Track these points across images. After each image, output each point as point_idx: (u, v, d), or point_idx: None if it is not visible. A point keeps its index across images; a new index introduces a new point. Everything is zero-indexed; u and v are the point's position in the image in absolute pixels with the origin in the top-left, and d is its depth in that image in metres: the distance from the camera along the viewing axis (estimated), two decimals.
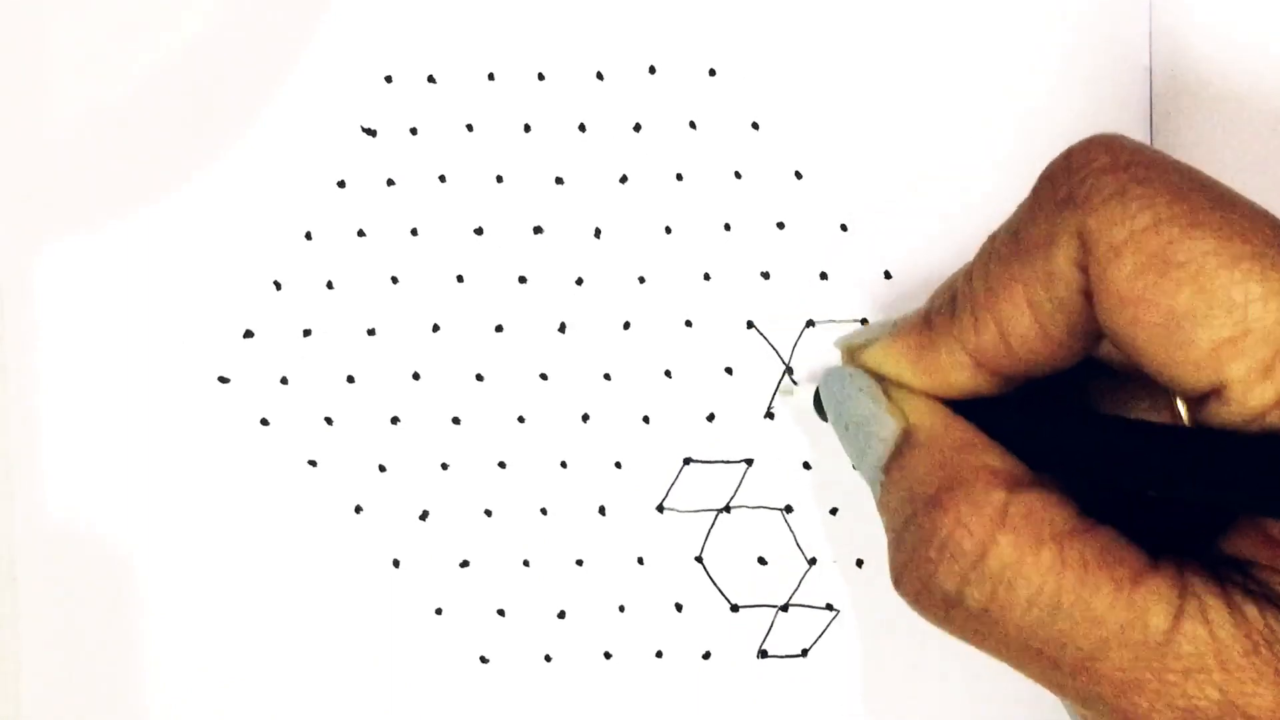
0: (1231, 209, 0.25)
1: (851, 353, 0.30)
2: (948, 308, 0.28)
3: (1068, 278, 0.26)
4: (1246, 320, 0.24)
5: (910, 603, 0.28)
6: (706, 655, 0.35)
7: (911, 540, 0.27)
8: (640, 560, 0.35)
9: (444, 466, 0.35)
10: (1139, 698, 0.25)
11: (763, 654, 0.35)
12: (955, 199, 0.34)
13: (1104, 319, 0.26)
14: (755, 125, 0.34)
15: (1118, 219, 0.25)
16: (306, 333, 0.35)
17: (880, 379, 0.30)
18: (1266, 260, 0.24)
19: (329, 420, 0.35)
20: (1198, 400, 0.25)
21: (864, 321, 0.34)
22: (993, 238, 0.28)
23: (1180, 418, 0.26)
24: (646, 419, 0.35)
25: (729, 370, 0.35)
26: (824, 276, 0.34)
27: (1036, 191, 0.27)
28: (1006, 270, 0.27)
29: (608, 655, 0.35)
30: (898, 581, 0.28)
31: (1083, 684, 0.25)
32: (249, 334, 0.35)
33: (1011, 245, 0.27)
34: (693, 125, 0.34)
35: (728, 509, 0.35)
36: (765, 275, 0.34)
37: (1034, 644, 0.26)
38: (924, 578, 0.27)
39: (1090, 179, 0.26)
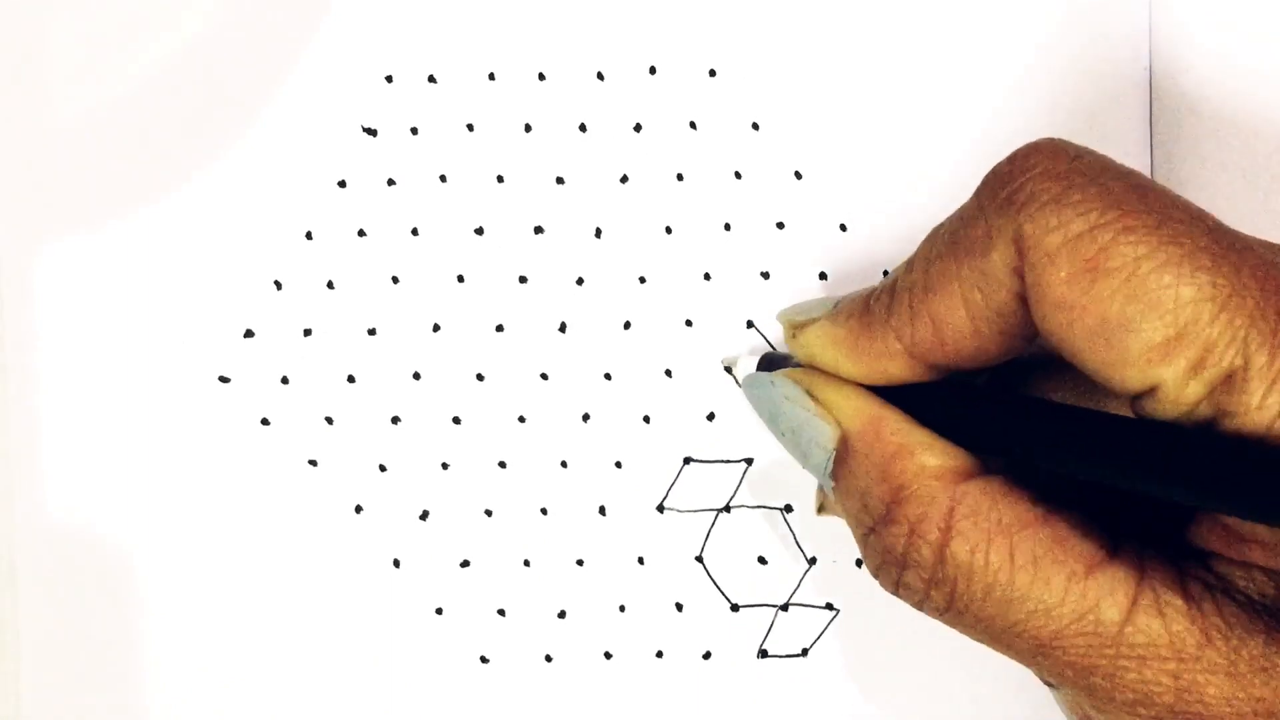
0: (1169, 212, 0.25)
1: (792, 328, 0.30)
2: (886, 297, 0.29)
3: (1003, 280, 0.26)
4: (1178, 323, 0.24)
5: (892, 595, 0.29)
6: (707, 655, 0.35)
7: (875, 551, 0.28)
8: (640, 560, 0.35)
9: (444, 466, 0.35)
10: (1098, 679, 0.25)
11: (763, 654, 0.35)
12: (954, 199, 0.34)
13: (1039, 323, 0.26)
14: (755, 125, 0.34)
15: (1053, 225, 0.25)
16: (307, 332, 0.35)
17: (809, 370, 0.30)
18: (1198, 261, 0.24)
19: (329, 420, 0.35)
20: (1134, 397, 0.26)
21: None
22: (935, 232, 0.28)
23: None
24: (647, 419, 0.35)
25: (729, 369, 0.35)
26: (823, 276, 0.34)
27: (979, 192, 0.27)
28: (945, 267, 0.27)
29: (608, 655, 0.35)
30: (875, 575, 0.29)
31: (1048, 666, 0.26)
32: (249, 334, 0.35)
33: (951, 243, 0.27)
34: (693, 125, 0.34)
35: (728, 509, 0.35)
36: (765, 275, 0.35)
37: (995, 632, 0.27)
38: (894, 581, 0.28)
39: (1029, 183, 0.26)
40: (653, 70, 0.34)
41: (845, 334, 0.29)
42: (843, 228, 0.34)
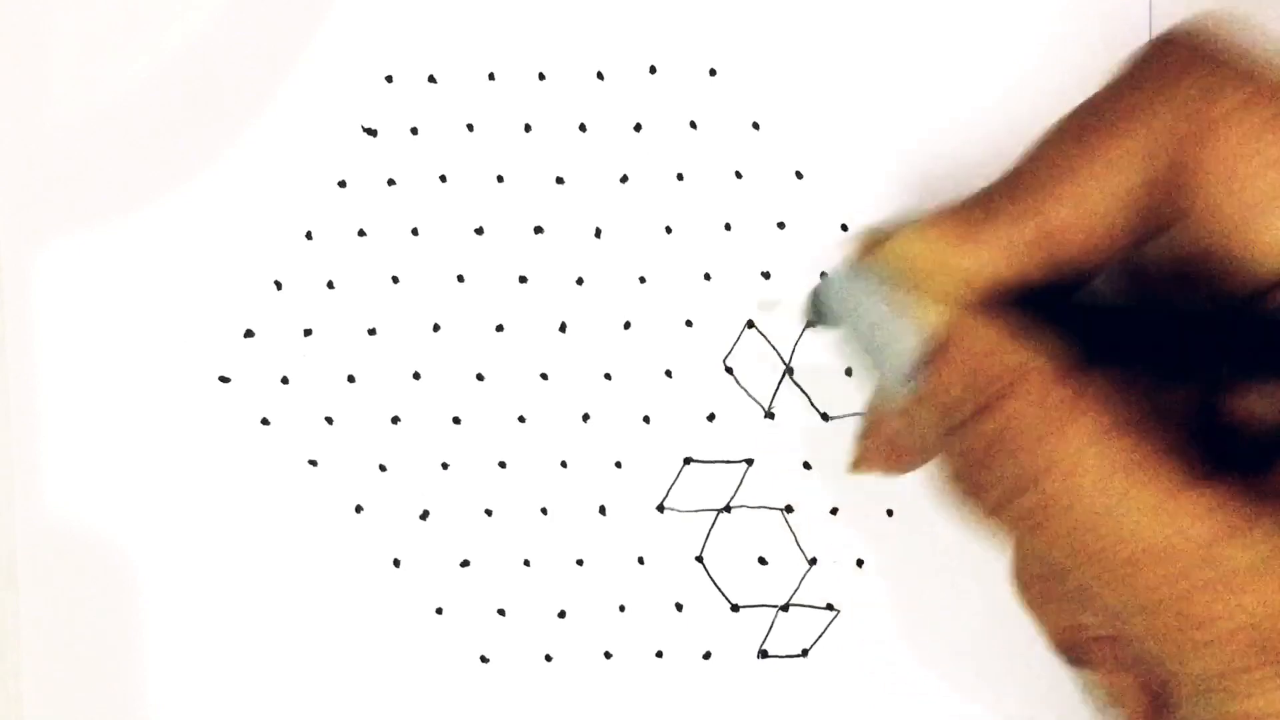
0: None
1: (870, 244, 0.29)
2: (1006, 187, 0.27)
3: (1156, 155, 0.26)
4: None
5: (959, 505, 0.27)
6: (707, 655, 0.35)
7: (962, 444, 0.26)
8: (640, 560, 0.35)
9: (444, 466, 0.35)
10: (1191, 607, 0.24)
11: (763, 654, 0.35)
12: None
13: (1185, 200, 0.25)
14: (756, 125, 0.34)
15: (1214, 95, 0.25)
16: (307, 332, 0.35)
17: (894, 281, 0.28)
18: None
19: (329, 420, 0.35)
20: (1263, 293, 0.25)
21: None
22: (1069, 116, 0.27)
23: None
24: (647, 419, 0.35)
25: (729, 370, 0.35)
26: (824, 277, 0.34)
27: (1127, 72, 0.27)
28: (1092, 142, 0.26)
29: (608, 655, 0.35)
30: (950, 486, 0.27)
31: (1135, 593, 0.25)
32: (249, 333, 0.35)
33: (1093, 122, 0.27)
34: (693, 125, 0.34)
35: (728, 509, 0.35)
36: (766, 275, 0.34)
37: (1080, 545, 0.25)
38: (974, 483, 0.26)
39: (1181, 60, 0.26)
40: (653, 69, 0.34)
41: (958, 226, 0.27)
42: (843, 227, 0.34)
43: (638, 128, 0.34)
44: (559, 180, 0.34)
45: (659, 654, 0.35)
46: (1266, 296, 0.25)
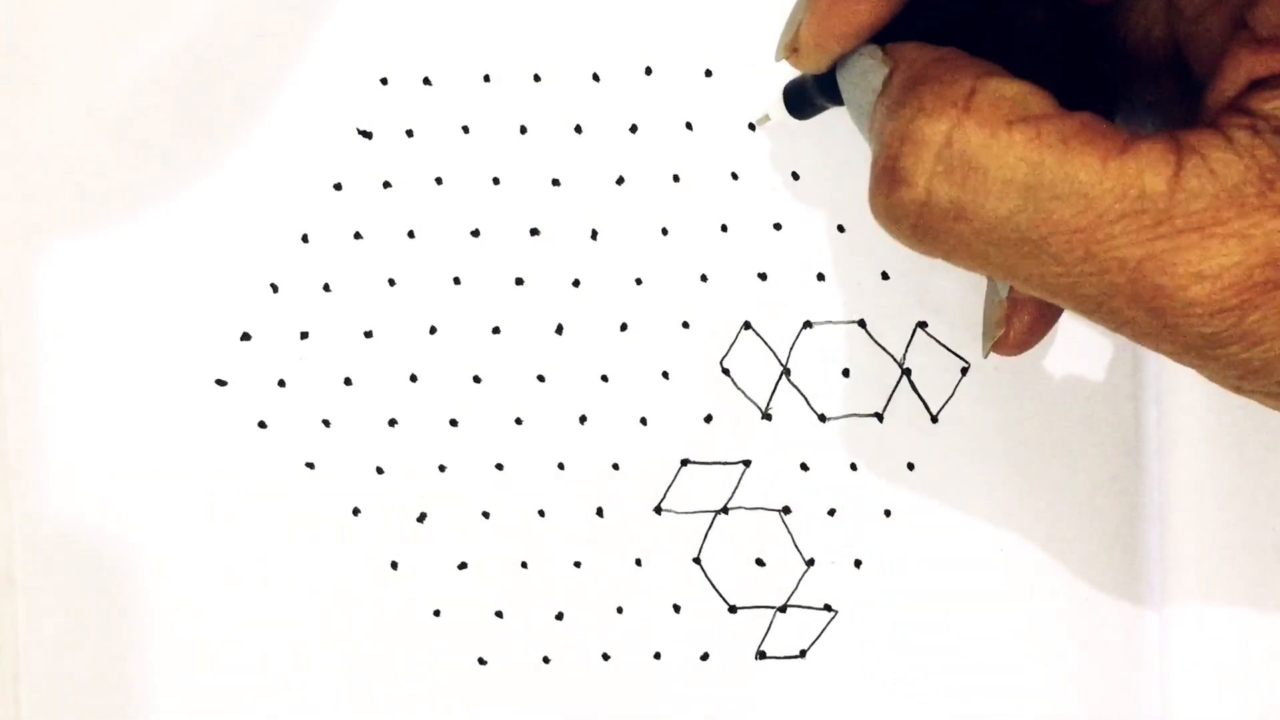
0: None
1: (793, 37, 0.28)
2: None
3: None
4: None
5: (883, 219, 0.25)
6: (705, 656, 0.35)
7: (879, 145, 0.25)
8: (638, 562, 0.35)
9: (442, 468, 0.35)
10: (1160, 277, 0.23)
11: (761, 655, 0.35)
12: None
13: None
14: (752, 126, 0.34)
15: None
16: (304, 335, 0.35)
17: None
18: None
19: (326, 423, 0.35)
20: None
21: (861, 323, 0.34)
22: None
23: None
24: (644, 420, 0.35)
25: (726, 371, 0.35)
26: (821, 278, 0.34)
27: None
28: None
29: (606, 657, 0.35)
30: (871, 197, 0.25)
31: (1093, 276, 0.24)
32: (246, 336, 0.35)
33: None
34: (689, 126, 0.34)
35: (725, 510, 0.35)
36: (762, 276, 0.34)
37: (1022, 236, 0.24)
38: (892, 178, 0.25)
39: None
40: (648, 71, 0.34)
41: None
42: (840, 229, 0.34)
43: (634, 129, 0.34)
44: (555, 182, 0.34)
45: (657, 655, 0.35)
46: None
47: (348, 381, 0.35)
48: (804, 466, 0.35)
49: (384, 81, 0.34)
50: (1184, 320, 0.23)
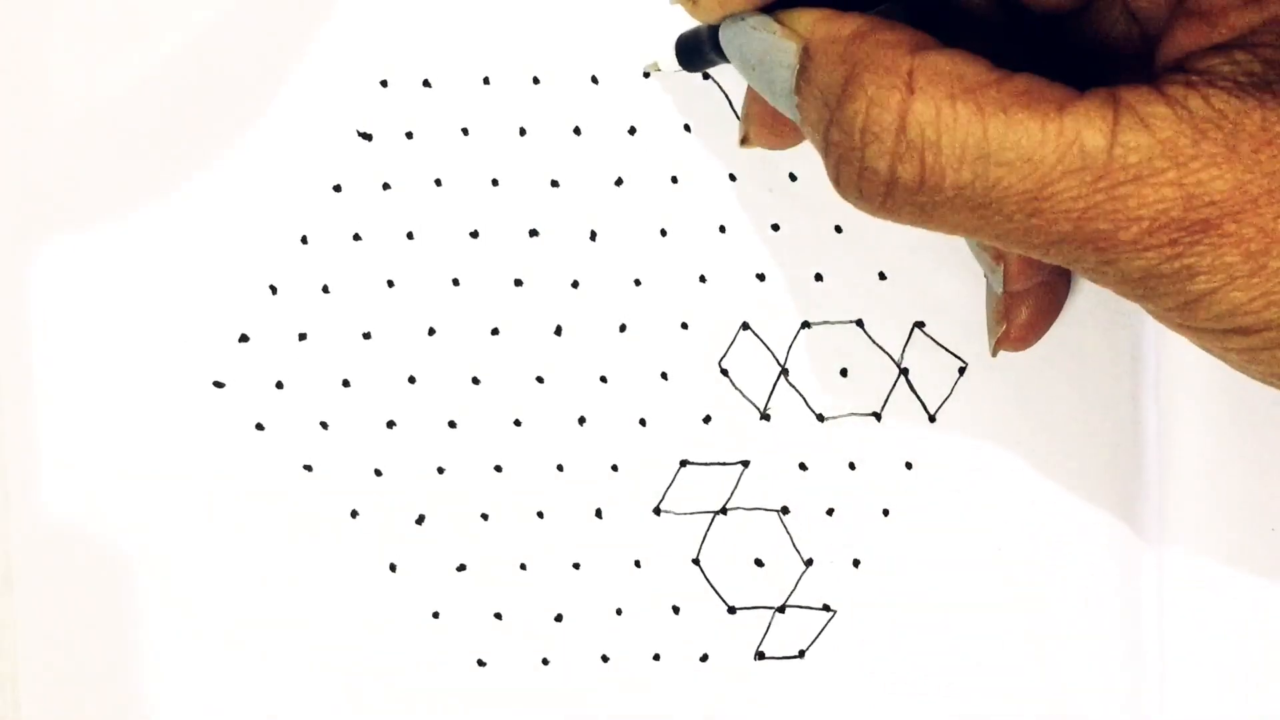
0: None
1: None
2: None
3: None
4: None
5: (854, 200, 0.27)
6: (704, 657, 0.35)
7: (836, 137, 0.26)
8: (637, 563, 0.35)
9: (440, 470, 0.35)
10: (1101, 223, 0.25)
11: (760, 655, 0.35)
12: None
13: None
14: (646, 74, 0.34)
15: None
16: (302, 337, 0.35)
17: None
18: None
19: (324, 425, 0.35)
20: None
21: (859, 323, 0.34)
22: None
23: None
24: (643, 421, 0.35)
25: (725, 372, 0.35)
26: (819, 278, 0.35)
27: None
28: None
29: (605, 658, 0.35)
30: (836, 183, 0.27)
31: (1042, 228, 0.25)
32: (244, 338, 0.35)
33: None
34: (688, 128, 0.34)
35: (724, 511, 0.35)
36: (760, 277, 0.35)
37: (977, 201, 0.25)
38: (857, 167, 0.26)
39: None
40: (646, 74, 0.34)
41: None
42: (838, 229, 0.34)
43: (632, 131, 0.34)
44: (554, 184, 0.34)
45: (656, 656, 0.35)
46: None
47: (345, 383, 0.35)
48: (802, 466, 0.35)
49: (384, 83, 0.34)
50: (1124, 257, 0.25)
